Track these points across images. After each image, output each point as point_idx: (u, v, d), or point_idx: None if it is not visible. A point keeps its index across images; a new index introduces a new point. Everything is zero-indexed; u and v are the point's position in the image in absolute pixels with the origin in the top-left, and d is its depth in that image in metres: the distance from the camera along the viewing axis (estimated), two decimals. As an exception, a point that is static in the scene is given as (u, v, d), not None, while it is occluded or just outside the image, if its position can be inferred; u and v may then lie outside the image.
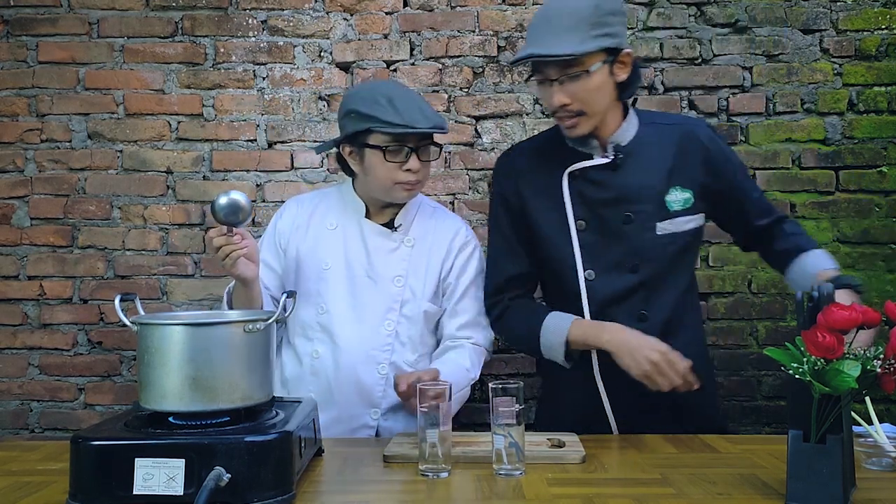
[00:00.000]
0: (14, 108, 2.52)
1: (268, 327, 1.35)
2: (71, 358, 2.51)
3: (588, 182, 1.73)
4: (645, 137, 1.74)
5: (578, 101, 1.63)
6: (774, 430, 2.46)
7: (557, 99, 1.63)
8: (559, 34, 1.58)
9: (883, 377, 1.15)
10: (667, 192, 1.71)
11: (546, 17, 1.62)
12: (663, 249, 1.71)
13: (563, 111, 1.65)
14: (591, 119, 1.67)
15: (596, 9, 1.59)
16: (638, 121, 1.77)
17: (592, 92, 1.63)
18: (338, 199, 1.93)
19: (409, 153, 1.75)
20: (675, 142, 1.74)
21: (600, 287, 1.72)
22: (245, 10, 2.53)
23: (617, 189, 1.71)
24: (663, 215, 1.71)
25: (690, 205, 1.73)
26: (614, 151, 1.72)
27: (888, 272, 2.48)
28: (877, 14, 2.50)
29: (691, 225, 1.74)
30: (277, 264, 1.90)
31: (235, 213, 1.56)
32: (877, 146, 2.49)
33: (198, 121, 2.52)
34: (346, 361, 1.79)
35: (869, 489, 1.28)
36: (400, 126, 1.70)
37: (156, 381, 1.28)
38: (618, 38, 1.63)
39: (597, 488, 1.31)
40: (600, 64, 1.62)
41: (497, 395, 1.38)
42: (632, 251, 1.71)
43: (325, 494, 1.32)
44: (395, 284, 1.83)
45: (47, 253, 2.52)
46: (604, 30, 1.60)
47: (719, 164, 1.76)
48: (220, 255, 1.61)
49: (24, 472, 1.46)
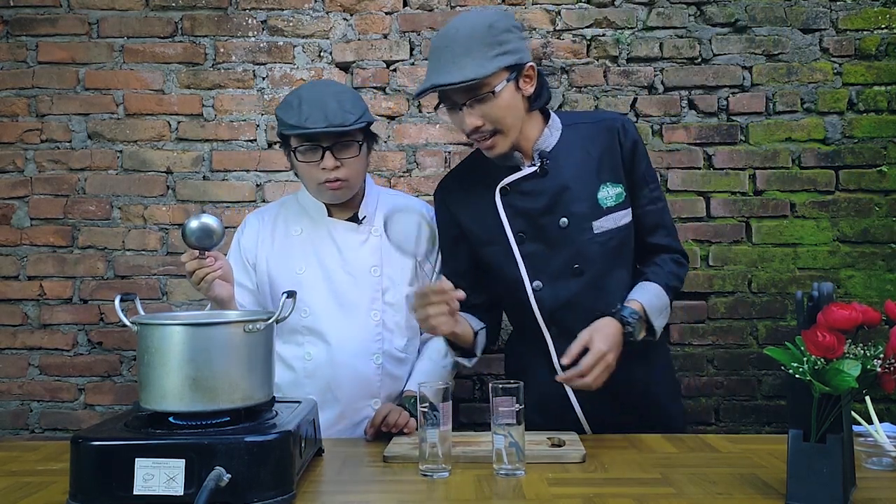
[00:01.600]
0: (14, 108, 2.52)
1: (268, 327, 1.35)
2: (71, 358, 2.51)
3: (520, 194, 1.72)
4: (569, 140, 1.73)
5: (490, 121, 1.62)
6: (774, 429, 2.46)
7: (470, 122, 1.62)
8: (457, 60, 1.57)
9: (883, 376, 1.15)
10: (598, 190, 1.71)
11: (442, 44, 1.62)
12: (603, 247, 1.71)
13: (477, 133, 1.64)
14: (508, 136, 1.66)
15: (490, 28, 1.59)
16: (561, 124, 1.76)
17: (503, 109, 1.62)
18: (297, 205, 1.95)
19: (322, 152, 1.77)
20: (599, 139, 1.73)
21: (549, 296, 1.72)
22: (245, 10, 2.53)
23: (549, 195, 1.70)
24: (597, 214, 1.70)
25: (623, 199, 1.72)
26: (540, 158, 1.71)
27: (888, 271, 2.48)
28: (876, 13, 2.50)
29: (627, 219, 1.74)
30: (249, 281, 1.90)
31: (207, 237, 1.58)
32: (877, 145, 2.49)
33: (198, 121, 2.52)
34: (340, 358, 1.81)
35: (869, 489, 1.28)
36: (298, 127, 1.73)
37: (156, 381, 1.28)
38: (518, 54, 1.62)
39: (597, 488, 1.31)
40: (504, 83, 1.61)
41: (497, 395, 1.38)
42: (573, 255, 1.71)
43: (325, 494, 1.32)
44: (372, 275, 1.85)
45: (47, 253, 2.52)
46: (502, 48, 1.59)
47: (626, 159, 1.73)
48: (195, 279, 1.64)
49: (24, 473, 1.46)
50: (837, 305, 1.16)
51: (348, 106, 1.77)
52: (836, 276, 2.48)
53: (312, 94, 1.78)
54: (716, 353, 2.50)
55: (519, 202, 1.72)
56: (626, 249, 1.76)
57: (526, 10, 2.52)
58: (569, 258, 1.71)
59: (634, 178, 1.75)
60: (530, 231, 1.72)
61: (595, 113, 2.09)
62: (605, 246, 1.71)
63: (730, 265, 2.51)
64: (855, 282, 2.48)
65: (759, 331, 2.50)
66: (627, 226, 1.74)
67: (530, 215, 1.71)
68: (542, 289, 1.72)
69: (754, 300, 2.50)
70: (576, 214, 1.69)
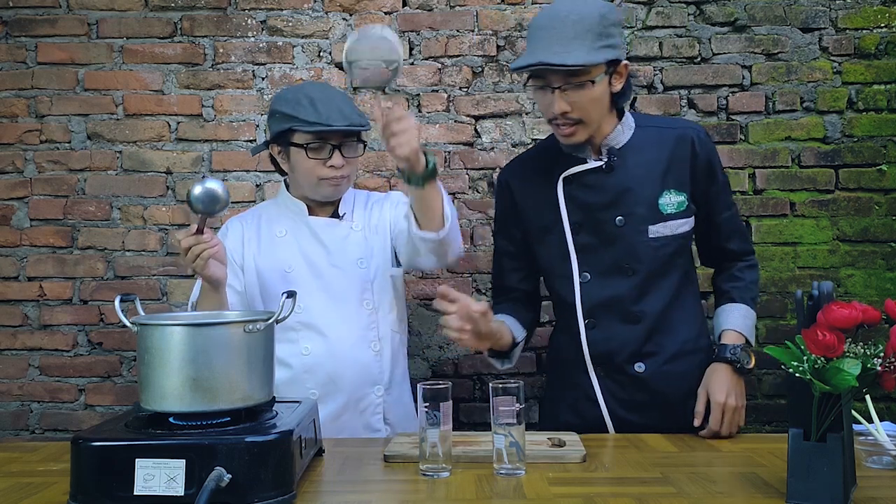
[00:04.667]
0: (13, 109, 2.52)
1: (268, 327, 1.35)
2: (71, 359, 2.51)
3: (582, 186, 1.74)
4: (640, 141, 1.75)
5: (578, 109, 1.64)
6: (775, 428, 2.46)
7: (558, 107, 1.64)
8: (566, 43, 1.58)
9: (883, 375, 1.15)
10: (660, 195, 1.72)
11: (551, 23, 1.62)
12: (656, 252, 1.72)
13: (562, 118, 1.66)
14: (589, 127, 1.68)
15: (602, 19, 1.61)
16: (634, 124, 1.77)
17: (593, 101, 1.65)
18: (276, 208, 1.98)
19: (331, 150, 1.82)
20: (670, 145, 1.74)
21: (595, 290, 1.74)
22: (244, 11, 2.53)
23: (610, 192, 1.72)
24: (656, 218, 1.72)
25: (684, 208, 1.74)
26: (608, 155, 1.73)
27: (888, 270, 2.48)
28: (876, 12, 2.50)
29: (685, 228, 1.75)
30: (237, 282, 1.91)
31: (214, 202, 1.54)
32: (876, 144, 2.49)
33: (197, 121, 2.52)
34: (339, 349, 1.84)
35: (869, 487, 1.28)
36: (318, 125, 1.78)
37: (156, 381, 1.28)
38: (619, 50, 1.66)
39: (597, 487, 1.31)
40: (603, 75, 1.63)
41: (497, 395, 1.38)
42: (625, 254, 1.72)
43: (326, 494, 1.32)
44: (359, 267, 1.90)
45: (47, 254, 2.52)
46: (609, 41, 1.62)
47: (701, 170, 1.75)
48: (191, 256, 1.61)
49: (24, 474, 1.46)
50: (837, 304, 1.16)
51: (355, 107, 1.88)
52: (835, 275, 2.48)
53: (322, 94, 1.84)
54: (716, 353, 2.50)
55: (580, 194, 1.74)
56: (678, 258, 1.77)
57: (525, 10, 2.52)
58: (620, 256, 1.72)
59: (714, 186, 1.77)
60: (587, 224, 1.74)
61: (672, 119, 2.12)
62: (658, 251, 1.72)
63: (730, 264, 2.50)
64: (855, 281, 2.48)
65: (759, 330, 2.49)
66: (685, 235, 1.75)
67: (589, 208, 1.73)
68: (588, 281, 1.74)
69: (754, 299, 2.50)
70: (634, 215, 1.71)
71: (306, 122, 1.79)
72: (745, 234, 1.88)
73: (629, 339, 1.73)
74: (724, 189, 1.81)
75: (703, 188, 1.76)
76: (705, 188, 1.76)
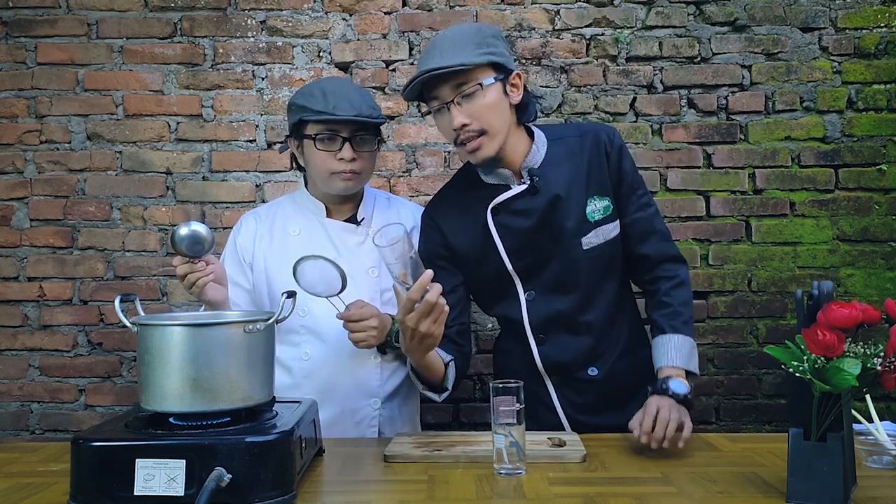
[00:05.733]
0: (13, 109, 2.52)
1: (268, 328, 1.35)
2: (71, 359, 2.51)
3: (511, 213, 1.72)
4: (556, 155, 1.74)
5: (476, 118, 1.62)
6: (775, 428, 2.46)
7: (457, 120, 1.62)
8: (445, 53, 1.60)
9: (883, 375, 1.15)
10: (586, 205, 1.71)
11: (431, 46, 1.65)
12: (593, 263, 1.72)
13: (464, 132, 1.63)
14: (494, 139, 1.65)
15: (478, 31, 1.65)
16: (546, 139, 1.76)
17: (490, 108, 1.63)
18: (293, 205, 1.96)
19: (342, 142, 1.79)
20: (586, 151, 1.73)
21: (541, 307, 1.74)
22: (244, 11, 2.53)
23: (539, 213, 1.70)
24: (587, 228, 1.71)
25: (610, 212, 1.73)
26: (529, 177, 1.71)
27: (888, 270, 2.48)
28: (876, 12, 2.50)
29: (616, 232, 1.74)
30: (245, 280, 1.90)
31: (197, 245, 1.58)
32: (876, 144, 2.49)
33: (197, 121, 2.52)
34: (339, 357, 1.82)
35: (869, 487, 1.28)
36: (325, 113, 1.76)
37: (156, 381, 1.28)
38: (504, 58, 1.65)
39: (598, 487, 1.31)
40: (492, 80, 1.62)
41: (497, 395, 1.38)
42: (565, 270, 1.72)
43: (326, 494, 1.32)
44: (370, 276, 1.86)
45: (47, 254, 2.52)
46: (488, 48, 1.62)
47: (613, 171, 1.73)
48: (186, 283, 1.64)
49: (24, 474, 1.46)
50: (837, 304, 1.16)
51: (370, 101, 1.83)
52: (835, 274, 2.48)
53: (336, 86, 1.82)
54: (716, 352, 2.50)
55: (511, 221, 1.72)
56: (614, 263, 1.77)
57: (525, 10, 2.52)
58: (559, 273, 1.72)
59: (622, 187, 1.74)
60: (522, 247, 1.73)
61: (579, 125, 2.07)
62: (595, 262, 1.73)
63: (729, 264, 2.51)
64: (855, 280, 2.48)
65: (759, 330, 2.50)
66: (616, 239, 1.75)
67: (522, 233, 1.72)
68: (534, 298, 1.75)
69: (754, 299, 2.50)
70: (565, 230, 1.71)
71: (314, 112, 1.76)
72: (665, 234, 1.80)
73: (580, 348, 1.75)
74: (634, 187, 1.76)
75: (616, 189, 1.74)
76: (616, 189, 1.74)
